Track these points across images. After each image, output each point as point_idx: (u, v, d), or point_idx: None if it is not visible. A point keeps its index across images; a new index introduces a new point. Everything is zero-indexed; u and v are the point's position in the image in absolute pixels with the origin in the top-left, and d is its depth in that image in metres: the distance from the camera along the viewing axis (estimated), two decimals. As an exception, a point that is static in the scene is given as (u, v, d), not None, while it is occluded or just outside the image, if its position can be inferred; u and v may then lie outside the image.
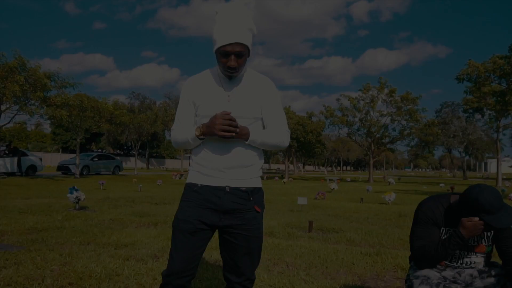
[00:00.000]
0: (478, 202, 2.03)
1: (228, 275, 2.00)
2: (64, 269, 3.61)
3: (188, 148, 2.01)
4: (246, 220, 1.92)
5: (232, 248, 1.95)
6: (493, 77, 17.90)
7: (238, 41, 1.78)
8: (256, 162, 1.96)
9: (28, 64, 18.24)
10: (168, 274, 1.89)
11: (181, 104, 2.01)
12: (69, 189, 8.28)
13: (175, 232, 1.92)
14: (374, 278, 3.78)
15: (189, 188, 1.95)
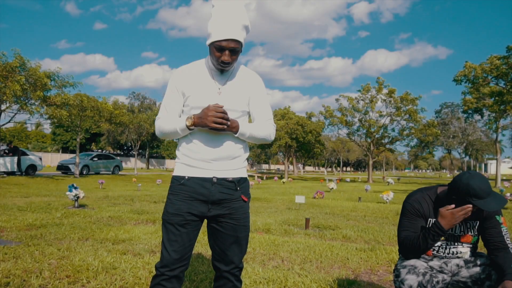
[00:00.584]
0: (469, 187, 2.09)
1: (217, 264, 2.04)
2: (61, 262, 3.66)
3: (173, 138, 2.04)
4: (234, 209, 1.97)
5: (220, 237, 1.99)
6: (490, 77, 17.97)
7: (234, 37, 1.83)
8: (242, 154, 2.02)
9: (28, 63, 18.29)
10: (162, 266, 1.93)
11: (169, 93, 2.01)
12: (68, 187, 8.34)
13: (166, 225, 1.96)
14: (368, 273, 3.83)
15: (176, 181, 1.98)
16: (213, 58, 1.90)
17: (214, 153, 1.94)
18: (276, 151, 41.33)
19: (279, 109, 42.72)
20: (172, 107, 2.00)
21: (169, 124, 1.96)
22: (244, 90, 2.01)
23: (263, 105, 2.06)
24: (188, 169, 1.96)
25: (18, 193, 11.99)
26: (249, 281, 3.23)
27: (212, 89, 1.96)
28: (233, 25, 1.83)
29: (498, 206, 2.05)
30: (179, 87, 1.98)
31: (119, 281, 3.17)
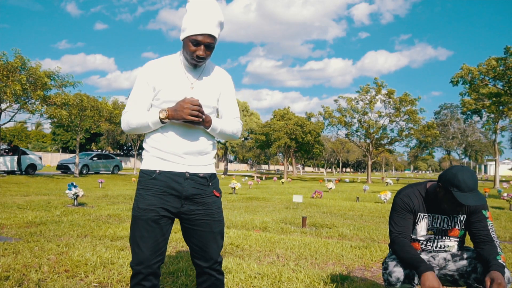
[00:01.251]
0: (455, 177, 2.15)
1: (197, 261, 2.02)
2: (60, 258, 3.73)
3: (142, 133, 1.99)
4: (207, 205, 1.97)
5: (197, 236, 1.97)
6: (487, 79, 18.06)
7: (211, 33, 1.85)
8: (211, 151, 2.03)
9: (28, 63, 18.37)
10: (138, 264, 1.90)
11: (139, 87, 1.97)
12: (67, 185, 8.41)
13: (138, 221, 1.90)
14: (361, 269, 3.89)
15: (147, 175, 1.93)
16: (188, 52, 1.90)
17: (187, 147, 1.93)
18: (276, 151, 41.35)
19: (279, 110, 42.78)
20: (142, 101, 1.96)
21: (139, 118, 1.92)
22: (215, 87, 2.04)
23: (232, 103, 2.09)
24: (159, 163, 1.93)
25: (18, 192, 12.05)
26: (244, 276, 3.30)
27: (184, 83, 1.95)
28: (210, 21, 1.85)
29: (475, 203, 2.11)
30: (150, 80, 1.95)
31: (117, 275, 3.23)
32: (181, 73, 1.97)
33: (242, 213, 8.12)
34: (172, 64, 1.99)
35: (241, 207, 9.62)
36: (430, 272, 2.06)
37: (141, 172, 1.97)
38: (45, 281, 3.08)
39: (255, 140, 42.17)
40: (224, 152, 49.07)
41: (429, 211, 2.39)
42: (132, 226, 1.94)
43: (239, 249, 4.53)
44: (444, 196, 2.24)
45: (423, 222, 2.42)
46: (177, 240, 4.85)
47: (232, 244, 4.69)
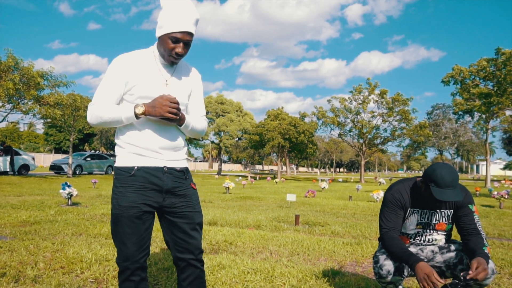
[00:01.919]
0: (433, 173, 2.24)
1: (182, 255, 2.01)
2: (56, 255, 3.76)
3: (111, 127, 1.97)
4: (188, 196, 2.01)
5: (180, 228, 1.99)
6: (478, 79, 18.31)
7: (190, 30, 1.87)
8: (184, 146, 2.07)
9: (21, 63, 18.27)
10: (125, 260, 1.91)
11: (109, 80, 1.93)
12: (61, 185, 8.41)
13: (120, 219, 1.90)
14: (353, 264, 3.97)
15: (126, 172, 1.92)
16: (166, 49, 1.90)
17: (163, 143, 1.94)
18: (269, 151, 41.43)
19: (272, 110, 42.86)
20: (112, 94, 1.93)
21: (110, 112, 1.89)
22: (188, 84, 2.06)
23: (200, 101, 2.14)
24: (137, 159, 1.93)
25: (11, 192, 12.00)
26: (237, 271, 3.36)
27: (159, 80, 1.95)
28: (188, 19, 1.86)
29: (448, 198, 2.19)
30: (123, 75, 1.92)
31: (112, 272, 3.28)
32: (155, 69, 1.96)
33: (235, 212, 8.17)
34: (146, 59, 1.97)
35: (234, 206, 9.68)
36: (421, 262, 2.15)
37: (117, 170, 1.95)
38: (41, 278, 3.12)
39: (248, 140, 42.22)
40: (218, 153, 49.06)
41: (418, 206, 2.47)
42: (114, 224, 1.94)
43: (232, 246, 4.59)
44: (425, 191, 2.32)
45: (412, 217, 2.50)
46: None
47: (226, 241, 4.75)
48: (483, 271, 2.06)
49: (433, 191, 2.22)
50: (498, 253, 4.47)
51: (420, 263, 2.14)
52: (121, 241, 1.91)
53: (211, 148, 66.77)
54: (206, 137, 43.96)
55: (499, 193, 10.86)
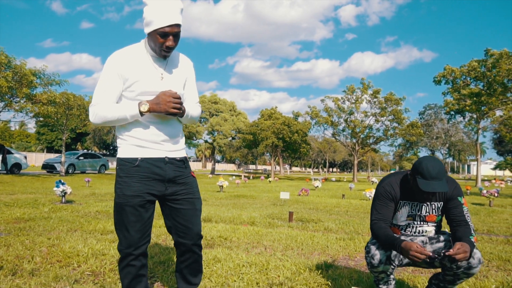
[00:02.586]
0: (420, 165, 2.33)
1: (182, 241, 2.13)
2: (52, 249, 3.79)
3: (117, 125, 2.03)
4: (189, 184, 2.12)
5: (181, 214, 2.10)
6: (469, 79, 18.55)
7: (176, 22, 1.90)
8: (182, 136, 2.18)
9: (13, 61, 18.15)
10: (128, 247, 2.01)
11: (108, 79, 1.98)
12: (55, 182, 8.40)
13: (124, 208, 1.99)
14: (346, 258, 4.05)
15: (129, 163, 2.00)
16: (156, 44, 1.93)
17: (164, 135, 2.03)
18: (263, 151, 41.51)
19: (266, 109, 42.96)
20: (112, 93, 1.98)
21: (114, 112, 1.94)
22: (182, 74, 2.12)
23: (194, 89, 2.21)
24: (140, 150, 2.01)
25: (3, 191, 11.94)
26: (232, 264, 3.41)
27: (155, 74, 2.01)
28: (173, 11, 1.88)
29: (434, 189, 2.26)
30: (120, 71, 1.96)
31: (109, 265, 3.32)
32: (149, 64, 2.01)
33: (230, 209, 8.23)
34: (139, 54, 2.01)
35: (228, 204, 9.73)
36: (404, 241, 2.23)
37: (121, 161, 2.03)
38: (38, 271, 3.15)
39: (242, 140, 42.26)
40: (212, 152, 49.04)
41: (408, 198, 2.54)
42: (118, 213, 2.02)
43: (227, 241, 4.64)
44: (413, 183, 2.40)
45: (403, 209, 2.58)
46: (166, 233, 4.95)
47: (221, 237, 4.80)
48: (464, 253, 2.13)
49: (419, 183, 2.30)
50: (487, 248, 4.58)
51: (404, 242, 2.22)
52: (125, 228, 2.00)
53: (204, 147, 66.70)
54: (199, 136, 43.91)
55: (489, 192, 11.03)
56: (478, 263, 2.33)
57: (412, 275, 3.36)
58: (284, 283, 2.98)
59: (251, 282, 2.98)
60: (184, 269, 2.23)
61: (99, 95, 1.99)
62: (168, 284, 2.93)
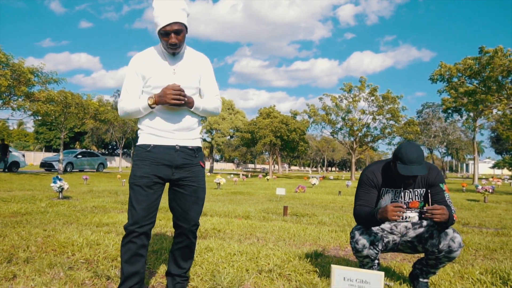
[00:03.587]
0: (399, 151, 2.41)
1: (179, 223, 2.34)
2: (47, 240, 3.86)
3: (137, 117, 2.28)
4: (194, 173, 2.30)
5: (183, 199, 2.30)
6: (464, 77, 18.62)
7: (175, 20, 2.09)
8: (197, 127, 2.35)
9: (11, 59, 18.18)
10: (133, 224, 2.17)
11: (129, 77, 2.26)
12: (52, 178, 8.46)
13: (134, 187, 2.20)
14: (336, 249, 4.12)
15: (143, 149, 2.24)
16: (163, 43, 2.18)
17: (175, 125, 2.24)
18: (261, 149, 41.56)
19: (264, 108, 43.03)
20: (133, 89, 2.25)
21: (132, 105, 2.22)
22: (195, 70, 2.31)
23: (211, 83, 2.38)
24: (153, 138, 2.24)
25: (0, 188, 11.99)
26: (224, 253, 3.48)
27: (167, 70, 2.24)
28: (172, 10, 2.08)
29: (412, 173, 2.34)
30: (138, 71, 2.24)
31: (103, 254, 3.38)
32: (163, 61, 2.25)
33: (225, 205, 8.30)
34: (155, 54, 2.27)
35: (225, 200, 9.80)
36: (381, 207, 2.36)
37: (137, 147, 2.29)
38: (33, 259, 3.21)
39: (240, 138, 42.32)
40: (210, 151, 49.10)
41: (391, 185, 2.61)
42: (130, 193, 2.23)
43: (221, 233, 4.72)
44: (394, 169, 2.47)
45: (386, 196, 2.65)
46: (161, 226, 5.02)
47: (215, 229, 4.87)
48: (442, 212, 2.24)
49: (398, 168, 2.37)
50: (475, 238, 4.66)
51: (379, 209, 2.35)
52: (133, 206, 2.19)
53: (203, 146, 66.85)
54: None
55: (484, 187, 11.12)
56: (458, 247, 2.41)
57: (399, 263, 3.44)
58: (273, 269, 3.05)
59: (241, 269, 3.05)
60: (176, 251, 2.40)
61: (123, 92, 2.28)
62: (160, 271, 3.00)
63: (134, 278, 2.19)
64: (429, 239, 2.51)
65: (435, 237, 2.47)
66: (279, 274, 2.98)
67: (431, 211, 2.26)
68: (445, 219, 2.26)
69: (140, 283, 2.23)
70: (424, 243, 2.54)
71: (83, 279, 2.74)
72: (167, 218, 5.60)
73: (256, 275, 2.92)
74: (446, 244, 2.41)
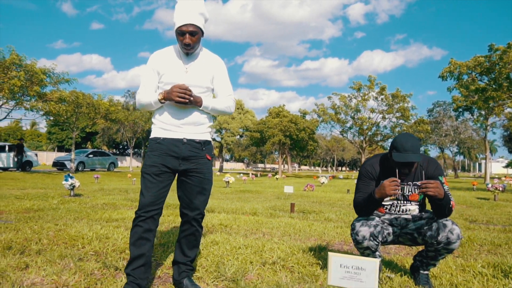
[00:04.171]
0: (395, 140, 2.47)
1: (184, 211, 2.49)
2: (58, 233, 3.98)
3: (150, 110, 2.47)
4: (200, 165, 2.45)
5: (189, 188, 2.45)
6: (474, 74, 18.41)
7: (191, 22, 2.27)
8: (206, 122, 2.48)
9: (24, 60, 18.52)
10: (140, 209, 2.36)
11: (146, 72, 2.45)
12: (64, 176, 8.64)
13: (144, 175, 2.39)
14: (341, 243, 4.17)
15: (154, 141, 2.43)
16: (179, 42, 2.35)
17: (183, 120, 2.39)
18: (270, 148, 41.60)
19: (274, 107, 43.06)
20: (149, 84, 2.44)
21: (146, 98, 2.41)
22: (208, 70, 2.46)
23: (224, 83, 2.52)
24: (163, 132, 2.41)
25: (14, 186, 12.25)
26: (229, 247, 3.56)
27: (180, 68, 2.40)
28: (190, 12, 2.26)
29: (406, 160, 2.40)
30: (154, 67, 2.43)
31: (111, 246, 3.48)
32: (178, 59, 2.42)
33: (233, 202, 8.38)
34: (172, 52, 2.45)
35: (233, 198, 9.88)
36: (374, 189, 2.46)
37: (150, 140, 2.48)
38: (45, 251, 3.32)
39: (249, 138, 42.42)
40: (220, 150, 49.31)
41: (389, 177, 2.66)
42: (141, 181, 2.43)
43: (227, 228, 4.79)
44: (390, 158, 2.53)
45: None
46: (170, 222, 5.12)
47: (221, 225, 4.95)
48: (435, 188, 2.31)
49: (394, 156, 2.43)
50: (481, 234, 4.66)
51: (376, 189, 2.45)
52: (142, 192, 2.38)
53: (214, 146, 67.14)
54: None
55: (494, 186, 11.03)
56: (457, 239, 2.45)
57: (402, 257, 3.47)
58: (277, 262, 3.12)
59: (245, 261, 3.13)
60: (182, 239, 2.54)
61: (140, 85, 2.47)
62: (167, 263, 3.08)
63: (139, 260, 2.33)
64: (428, 231, 2.55)
65: (434, 229, 2.51)
66: (282, 266, 3.04)
67: (425, 184, 2.32)
68: (439, 194, 2.32)
69: (146, 265, 2.36)
70: (424, 235, 2.58)
71: (92, 269, 2.84)
72: (175, 214, 5.70)
73: (259, 267, 2.99)
74: (444, 236, 2.45)
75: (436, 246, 2.51)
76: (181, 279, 2.50)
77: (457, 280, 2.75)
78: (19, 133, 62.26)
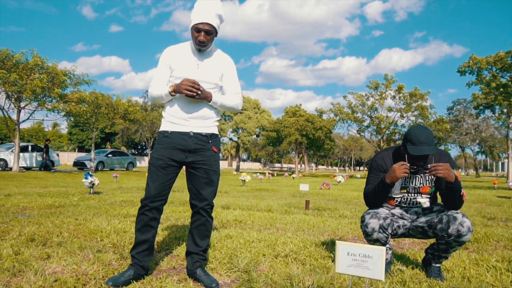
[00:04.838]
0: (409, 132, 2.48)
1: (194, 202, 2.59)
2: (78, 227, 4.12)
3: (162, 102, 2.57)
4: (206, 157, 2.54)
5: (196, 180, 2.55)
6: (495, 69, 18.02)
7: (208, 21, 2.38)
8: (213, 116, 2.58)
9: (46, 62, 19.02)
10: (145, 198, 2.48)
11: (159, 66, 2.56)
12: (84, 174, 8.87)
13: (151, 167, 2.51)
14: (354, 239, 4.19)
15: (162, 134, 2.54)
16: (193, 39, 2.45)
17: (190, 114, 2.49)
18: (287, 147, 41.53)
19: (290, 107, 43.01)
20: (161, 77, 2.55)
21: (157, 90, 2.51)
22: (218, 67, 2.56)
23: (233, 81, 2.62)
24: (171, 125, 2.52)
25: (37, 184, 12.60)
26: (243, 240, 3.62)
27: (192, 64, 2.51)
28: (208, 12, 2.37)
29: (422, 152, 2.41)
30: (167, 61, 2.53)
31: (128, 239, 3.59)
32: (190, 56, 2.52)
33: (249, 199, 8.45)
34: (184, 49, 2.55)
35: (249, 195, 9.95)
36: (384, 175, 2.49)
37: (158, 133, 2.58)
38: (65, 243, 3.45)
39: (266, 137, 42.47)
40: (236, 150, 49.50)
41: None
42: (148, 172, 2.53)
43: (242, 223, 4.86)
44: (405, 151, 2.54)
45: (397, 182, 2.71)
46: (186, 217, 5.22)
47: (236, 220, 5.02)
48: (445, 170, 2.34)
49: (408, 149, 2.44)
50: (499, 231, 4.61)
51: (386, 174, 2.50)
52: (148, 184, 2.50)
53: (230, 146, 67.40)
54: (224, 134, 44.47)
55: (515, 184, 10.79)
56: (467, 231, 2.45)
57: (415, 252, 3.48)
58: (289, 255, 3.17)
59: (258, 253, 3.19)
60: (194, 230, 2.63)
61: (153, 79, 2.58)
62: (182, 254, 3.17)
63: (143, 245, 2.51)
64: (438, 224, 2.56)
65: (444, 222, 2.52)
66: (294, 258, 3.09)
67: (434, 167, 2.33)
68: (449, 176, 2.34)
69: (149, 250, 2.54)
70: (434, 228, 2.59)
71: (110, 260, 2.94)
72: (190, 210, 5.79)
73: (272, 259, 3.04)
74: (455, 229, 2.46)
75: (447, 239, 2.51)
76: (195, 269, 2.58)
77: (470, 273, 2.75)
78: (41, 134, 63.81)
